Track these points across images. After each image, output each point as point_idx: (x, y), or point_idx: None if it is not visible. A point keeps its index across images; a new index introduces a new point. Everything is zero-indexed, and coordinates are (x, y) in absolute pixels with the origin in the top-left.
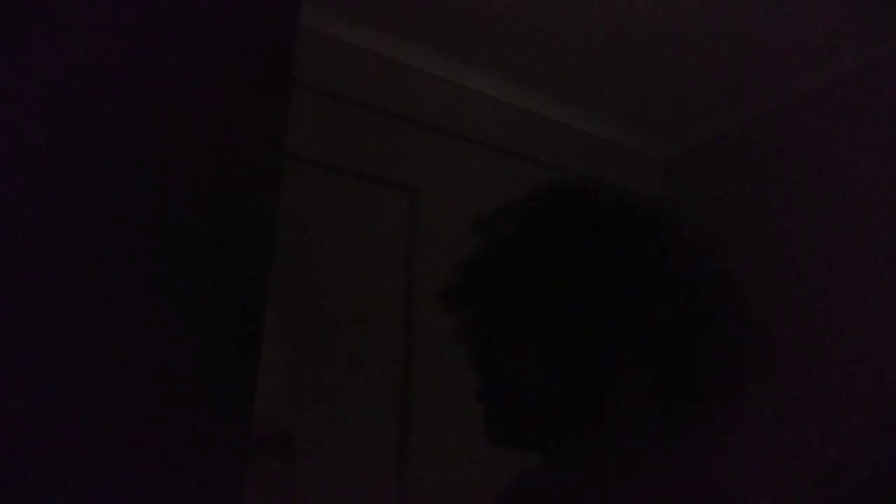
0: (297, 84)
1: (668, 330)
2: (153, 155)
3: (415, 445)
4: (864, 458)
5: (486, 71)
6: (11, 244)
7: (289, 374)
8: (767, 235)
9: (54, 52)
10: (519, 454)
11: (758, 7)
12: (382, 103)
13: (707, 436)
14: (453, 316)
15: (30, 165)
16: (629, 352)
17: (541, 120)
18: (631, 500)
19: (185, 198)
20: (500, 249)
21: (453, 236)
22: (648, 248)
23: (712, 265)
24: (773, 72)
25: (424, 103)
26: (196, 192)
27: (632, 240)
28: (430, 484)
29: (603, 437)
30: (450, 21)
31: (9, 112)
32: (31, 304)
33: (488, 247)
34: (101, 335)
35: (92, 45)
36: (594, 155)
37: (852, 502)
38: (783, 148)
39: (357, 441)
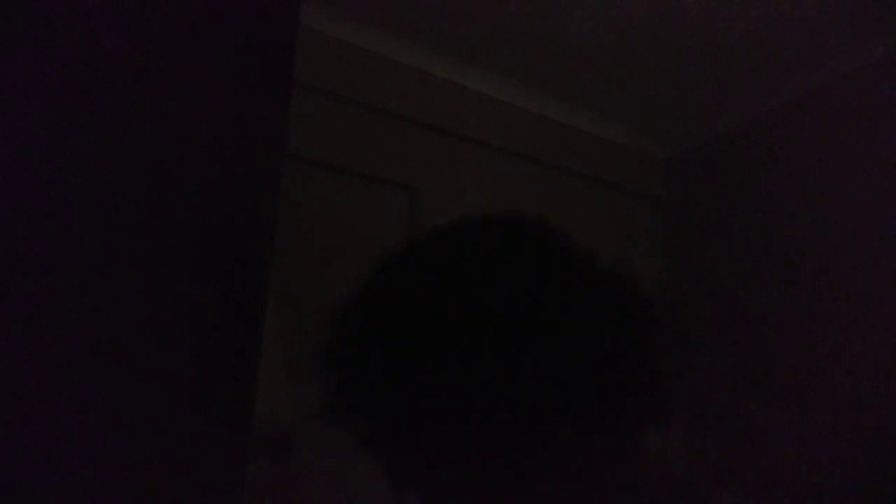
0: (297, 84)
1: (585, 375)
2: (153, 155)
3: None
4: (864, 459)
5: (486, 71)
6: (11, 243)
7: (289, 374)
8: (767, 235)
9: (54, 53)
10: None
11: (758, 7)
12: (382, 103)
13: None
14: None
15: (30, 165)
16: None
17: (541, 120)
18: None
19: (186, 198)
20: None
21: None
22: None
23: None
24: (772, 72)
25: (424, 103)
26: (196, 192)
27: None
28: None
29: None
30: (450, 21)
31: (8, 111)
32: (31, 304)
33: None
34: (100, 335)
35: (92, 44)
36: (594, 155)
37: (852, 502)
38: (783, 148)
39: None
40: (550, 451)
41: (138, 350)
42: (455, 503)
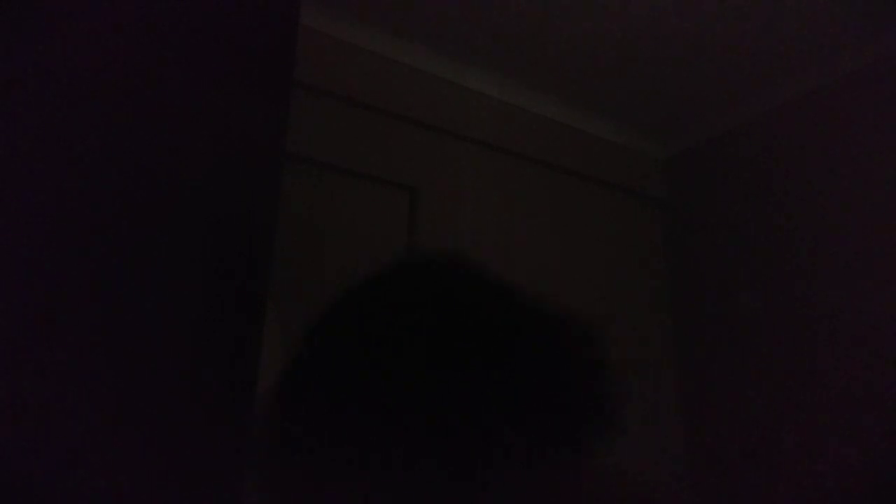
0: (297, 84)
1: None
2: (152, 155)
3: None
4: (864, 459)
5: (486, 71)
6: (10, 243)
7: None
8: (768, 235)
9: (53, 52)
10: None
11: (757, 7)
12: (382, 103)
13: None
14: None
15: (29, 165)
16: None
17: (541, 120)
18: None
19: (185, 198)
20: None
21: (453, 236)
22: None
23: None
24: (772, 72)
25: (424, 103)
26: (196, 192)
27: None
28: None
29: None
30: (450, 21)
31: (7, 111)
32: (29, 305)
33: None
34: (99, 335)
35: (91, 44)
36: (594, 155)
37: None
38: (783, 148)
39: None
40: (488, 466)
41: (137, 350)
42: None
